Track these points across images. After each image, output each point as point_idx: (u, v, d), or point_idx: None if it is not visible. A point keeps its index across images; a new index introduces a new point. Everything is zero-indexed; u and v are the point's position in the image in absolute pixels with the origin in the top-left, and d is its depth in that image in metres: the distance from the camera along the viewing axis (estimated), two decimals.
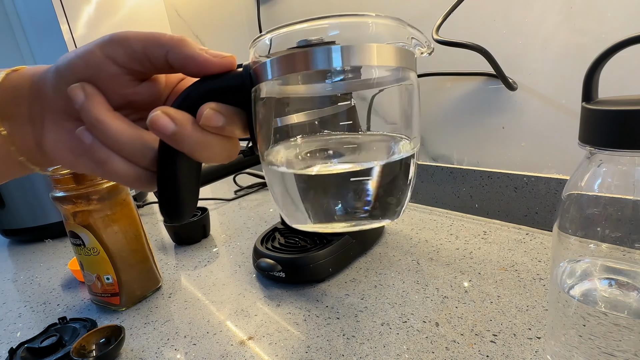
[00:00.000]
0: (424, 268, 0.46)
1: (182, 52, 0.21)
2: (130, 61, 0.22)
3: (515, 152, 0.55)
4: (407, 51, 0.20)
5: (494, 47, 0.50)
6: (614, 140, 0.20)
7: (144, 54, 0.21)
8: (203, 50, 0.21)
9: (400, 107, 0.23)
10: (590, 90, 0.22)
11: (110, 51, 0.21)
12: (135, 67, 0.22)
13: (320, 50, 0.18)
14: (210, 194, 0.89)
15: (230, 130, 0.22)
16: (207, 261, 0.56)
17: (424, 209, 0.64)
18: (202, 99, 0.21)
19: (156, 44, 0.21)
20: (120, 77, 0.22)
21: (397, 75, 0.21)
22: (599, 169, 0.22)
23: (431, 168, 0.65)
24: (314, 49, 0.18)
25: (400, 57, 0.20)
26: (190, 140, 0.20)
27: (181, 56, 0.21)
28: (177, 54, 0.21)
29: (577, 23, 0.45)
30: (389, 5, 0.62)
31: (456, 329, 0.35)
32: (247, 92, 0.22)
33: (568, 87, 0.48)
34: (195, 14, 1.10)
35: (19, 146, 0.24)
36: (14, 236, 0.77)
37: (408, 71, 0.21)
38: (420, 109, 0.23)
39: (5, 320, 0.49)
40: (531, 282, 0.40)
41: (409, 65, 0.21)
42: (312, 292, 0.44)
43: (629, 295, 0.23)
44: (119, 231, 0.45)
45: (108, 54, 0.21)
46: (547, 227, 0.53)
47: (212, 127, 0.21)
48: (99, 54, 0.21)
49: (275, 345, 0.36)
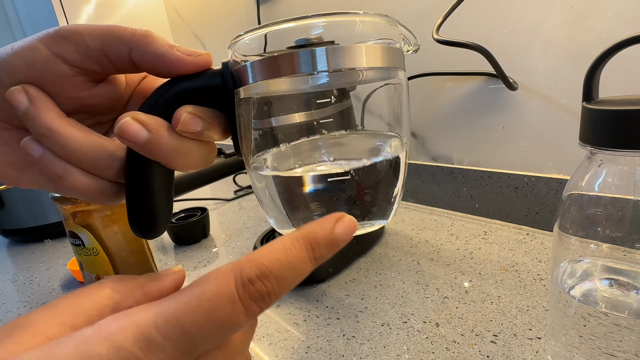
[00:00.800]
0: (424, 268, 0.46)
1: (150, 50, 0.18)
2: (85, 60, 0.19)
3: (516, 152, 0.55)
4: (395, 50, 0.20)
5: (494, 47, 0.50)
6: (615, 140, 0.20)
7: (102, 51, 0.18)
8: (174, 48, 0.19)
9: (389, 106, 0.22)
10: (590, 90, 0.22)
11: (58, 48, 0.18)
12: (90, 66, 0.19)
13: (305, 52, 0.17)
14: (210, 194, 0.89)
15: (209, 135, 0.20)
16: (207, 261, 0.56)
17: (424, 209, 0.64)
18: (177, 102, 0.19)
19: (116, 40, 0.18)
20: (72, 78, 0.19)
21: (385, 74, 0.21)
22: (599, 169, 0.22)
23: (431, 168, 0.65)
24: (299, 51, 0.17)
25: (388, 57, 0.19)
26: (166, 148, 0.18)
27: (149, 54, 0.18)
28: (143, 52, 0.18)
29: (577, 23, 0.45)
30: (388, 5, 0.62)
31: (456, 330, 0.35)
32: (229, 93, 0.20)
33: (568, 87, 0.48)
34: (195, 13, 1.10)
35: None
36: (14, 236, 0.77)
37: (397, 70, 0.21)
38: (409, 108, 0.22)
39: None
40: (532, 282, 0.40)
41: (398, 64, 0.20)
42: (312, 292, 0.44)
43: (630, 295, 0.23)
44: (118, 231, 0.45)
45: (55, 51, 0.18)
46: (547, 227, 0.53)
47: (190, 132, 0.19)
48: (43, 52, 0.18)
49: (275, 346, 0.36)
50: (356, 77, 0.19)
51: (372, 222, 0.21)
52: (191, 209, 0.67)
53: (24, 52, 0.18)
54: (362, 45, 0.18)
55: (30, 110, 0.18)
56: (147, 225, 0.21)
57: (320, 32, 0.18)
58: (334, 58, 0.17)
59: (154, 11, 1.19)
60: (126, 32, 0.19)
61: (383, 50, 0.19)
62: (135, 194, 0.20)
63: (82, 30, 0.18)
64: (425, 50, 0.60)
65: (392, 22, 0.19)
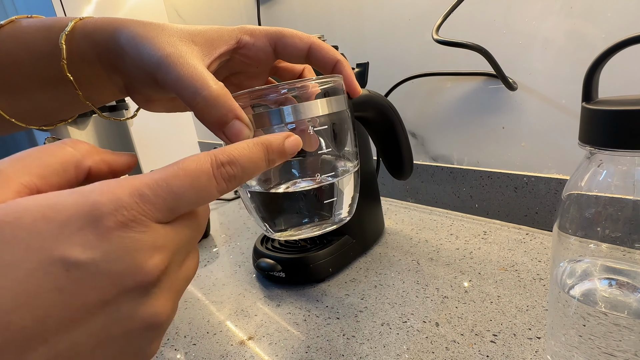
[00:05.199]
0: (424, 268, 0.46)
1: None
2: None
3: (515, 152, 0.55)
4: (337, 98, 0.26)
5: (494, 47, 0.50)
6: (614, 140, 0.20)
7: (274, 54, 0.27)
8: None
9: (340, 134, 0.28)
10: (590, 90, 0.22)
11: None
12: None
13: (275, 112, 0.24)
14: None
15: None
16: (207, 261, 0.56)
17: (424, 209, 0.64)
18: None
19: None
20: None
21: (334, 115, 0.27)
22: (599, 169, 0.22)
23: (431, 168, 0.65)
24: (270, 111, 0.24)
25: (332, 105, 0.26)
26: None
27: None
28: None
29: (577, 23, 0.45)
30: (388, 5, 0.62)
31: (456, 329, 0.35)
32: None
33: (568, 87, 0.48)
34: (195, 14, 1.10)
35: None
36: None
37: (341, 111, 0.27)
38: (354, 135, 0.29)
39: None
40: (531, 282, 0.40)
41: (340, 107, 0.27)
42: (312, 292, 0.44)
43: (629, 295, 0.23)
44: None
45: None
46: (547, 227, 0.53)
47: None
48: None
49: (275, 345, 0.36)
50: (314, 121, 0.26)
51: (330, 224, 0.28)
52: None
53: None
54: (317, 101, 0.25)
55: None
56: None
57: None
58: (297, 112, 0.24)
59: (154, 11, 1.19)
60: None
61: (329, 102, 0.25)
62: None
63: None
64: (425, 50, 0.60)
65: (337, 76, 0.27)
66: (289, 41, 0.27)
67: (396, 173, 0.43)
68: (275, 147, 0.20)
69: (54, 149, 0.18)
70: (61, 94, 0.25)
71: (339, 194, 0.28)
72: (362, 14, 0.67)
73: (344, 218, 0.29)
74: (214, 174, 0.17)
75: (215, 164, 0.17)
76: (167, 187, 0.16)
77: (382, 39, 0.66)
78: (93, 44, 0.23)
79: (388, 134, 0.40)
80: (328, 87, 0.26)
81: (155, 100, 0.28)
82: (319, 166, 0.28)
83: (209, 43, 0.24)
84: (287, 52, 0.27)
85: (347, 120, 0.28)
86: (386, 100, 0.39)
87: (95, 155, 0.19)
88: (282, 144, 0.21)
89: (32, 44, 0.24)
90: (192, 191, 0.16)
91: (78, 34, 0.24)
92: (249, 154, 0.19)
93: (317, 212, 0.27)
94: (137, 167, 0.94)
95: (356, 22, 0.68)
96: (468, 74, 0.56)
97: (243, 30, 0.26)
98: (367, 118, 0.39)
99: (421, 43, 0.60)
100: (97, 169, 0.19)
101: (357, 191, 0.30)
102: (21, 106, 0.26)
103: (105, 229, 0.14)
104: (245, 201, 0.29)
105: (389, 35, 0.64)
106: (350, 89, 0.29)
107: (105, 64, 0.24)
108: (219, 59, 0.25)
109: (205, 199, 0.17)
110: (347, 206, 0.29)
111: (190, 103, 0.21)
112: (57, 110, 0.27)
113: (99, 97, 0.27)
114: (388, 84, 0.64)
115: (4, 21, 0.25)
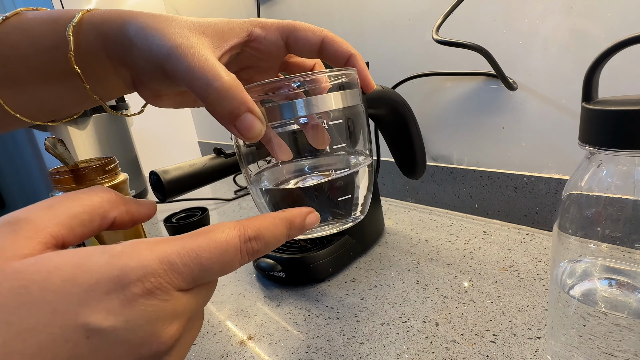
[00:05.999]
0: (424, 268, 0.46)
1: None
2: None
3: (515, 152, 0.55)
4: (352, 92, 0.25)
5: (494, 47, 0.50)
6: (614, 140, 0.20)
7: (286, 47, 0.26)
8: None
9: (354, 130, 0.28)
10: (590, 90, 0.22)
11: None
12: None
13: (287, 105, 0.23)
14: (210, 194, 0.89)
15: None
16: None
17: (424, 209, 0.64)
18: None
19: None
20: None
21: (347, 110, 0.27)
22: (599, 169, 0.22)
23: (431, 168, 0.65)
24: (282, 104, 0.23)
25: (346, 99, 0.25)
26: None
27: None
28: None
29: (577, 23, 0.45)
30: (388, 5, 0.62)
31: (456, 329, 0.35)
32: None
33: (568, 87, 0.48)
34: (195, 14, 1.10)
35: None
36: None
37: (355, 105, 0.26)
38: (368, 129, 0.28)
39: None
40: (531, 282, 0.40)
41: (355, 102, 0.26)
42: (312, 292, 0.44)
43: (629, 295, 0.23)
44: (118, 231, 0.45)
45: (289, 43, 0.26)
46: (547, 227, 0.53)
47: None
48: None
49: (275, 345, 0.36)
50: (327, 116, 0.26)
51: (344, 222, 0.27)
52: (191, 209, 0.67)
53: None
54: (330, 94, 0.24)
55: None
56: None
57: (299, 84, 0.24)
58: (309, 105, 0.23)
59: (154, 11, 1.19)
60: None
61: (344, 95, 0.24)
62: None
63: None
64: (425, 50, 0.60)
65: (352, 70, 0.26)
66: (301, 34, 0.26)
67: (409, 172, 0.43)
68: (297, 225, 0.21)
69: (83, 198, 0.18)
70: (67, 88, 0.25)
71: (354, 191, 0.27)
72: (362, 14, 0.67)
73: (358, 216, 0.28)
74: (240, 248, 0.18)
75: (243, 238, 0.18)
76: (196, 258, 0.16)
77: (382, 39, 0.66)
78: (101, 36, 0.23)
79: (401, 132, 0.39)
80: (342, 81, 0.25)
81: (163, 95, 0.27)
82: (333, 162, 0.28)
83: (220, 35, 0.23)
84: (299, 45, 0.26)
85: (362, 115, 0.27)
86: (400, 97, 0.37)
87: (122, 205, 0.20)
88: (304, 222, 0.21)
89: (38, 36, 0.23)
90: (219, 265, 0.17)
91: (85, 25, 0.23)
92: (274, 230, 0.19)
93: (331, 209, 0.27)
94: (137, 167, 0.94)
95: (356, 22, 0.68)
96: (468, 74, 0.56)
97: (254, 23, 0.25)
98: (380, 115, 0.37)
99: (421, 43, 0.60)
100: (121, 219, 0.20)
101: (371, 190, 0.29)
102: (26, 101, 0.25)
103: (131, 296, 0.14)
104: (256, 198, 0.28)
105: (389, 35, 0.64)
106: (365, 83, 0.28)
107: (113, 57, 0.23)
108: (229, 52, 0.24)
109: (227, 271, 0.18)
110: (361, 205, 0.28)
111: (201, 95, 0.21)
112: (63, 105, 0.27)
113: (105, 92, 0.26)
114: (388, 84, 0.64)
115: (9, 13, 0.24)
